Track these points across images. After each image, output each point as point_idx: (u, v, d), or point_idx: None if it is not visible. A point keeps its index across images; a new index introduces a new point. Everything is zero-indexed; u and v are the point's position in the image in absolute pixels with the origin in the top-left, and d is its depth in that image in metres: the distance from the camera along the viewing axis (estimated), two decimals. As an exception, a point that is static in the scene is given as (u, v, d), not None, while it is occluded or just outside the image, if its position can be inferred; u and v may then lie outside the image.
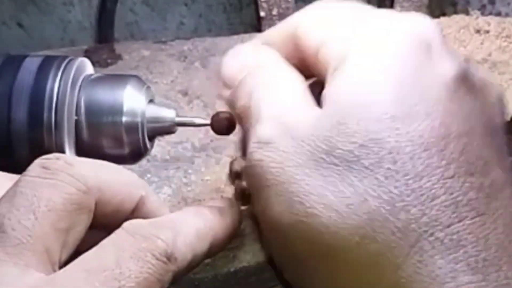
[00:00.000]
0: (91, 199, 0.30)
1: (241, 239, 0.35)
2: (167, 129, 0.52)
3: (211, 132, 0.56)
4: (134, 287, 0.27)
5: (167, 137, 0.68)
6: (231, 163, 0.64)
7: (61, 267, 0.29)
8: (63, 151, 0.48)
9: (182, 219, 0.32)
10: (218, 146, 0.68)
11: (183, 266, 0.30)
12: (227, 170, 0.65)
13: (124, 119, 0.49)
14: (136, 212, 0.33)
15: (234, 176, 0.64)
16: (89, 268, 0.27)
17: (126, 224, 0.30)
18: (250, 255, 0.35)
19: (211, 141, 0.68)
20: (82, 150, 0.50)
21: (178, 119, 0.52)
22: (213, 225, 0.33)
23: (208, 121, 0.54)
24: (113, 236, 0.29)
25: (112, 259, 0.28)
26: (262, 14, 0.88)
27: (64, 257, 0.29)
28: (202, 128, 0.68)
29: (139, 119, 0.50)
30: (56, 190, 0.29)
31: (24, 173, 0.30)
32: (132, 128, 0.50)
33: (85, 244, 0.30)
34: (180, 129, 0.54)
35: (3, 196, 0.29)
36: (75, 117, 0.49)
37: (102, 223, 0.32)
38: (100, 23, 0.96)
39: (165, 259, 0.28)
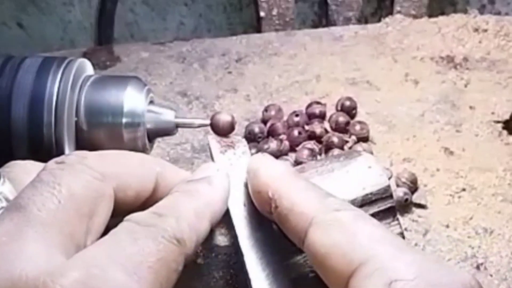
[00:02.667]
0: (108, 186, 0.31)
1: None
2: (167, 130, 0.52)
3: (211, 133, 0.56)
4: (155, 263, 0.28)
5: (167, 139, 0.68)
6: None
7: None
8: (63, 151, 0.48)
9: (178, 202, 0.32)
10: (217, 146, 0.68)
11: (191, 249, 0.31)
12: (226, 170, 0.65)
13: (124, 120, 0.50)
14: (157, 188, 0.33)
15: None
16: (108, 248, 0.28)
17: (128, 217, 0.30)
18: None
19: (211, 141, 0.68)
20: (82, 151, 0.50)
21: (177, 120, 0.52)
22: (207, 200, 0.33)
23: (208, 122, 0.54)
24: (120, 225, 0.30)
25: (129, 240, 0.28)
26: (262, 14, 0.89)
27: (89, 243, 0.30)
28: (202, 129, 0.68)
29: (139, 120, 0.50)
30: (74, 177, 0.30)
31: (42, 169, 0.31)
32: (132, 129, 0.50)
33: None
34: (179, 130, 0.54)
35: (26, 186, 0.30)
36: (75, 118, 0.50)
37: (125, 210, 0.32)
38: (100, 23, 0.96)
39: (175, 241, 0.29)
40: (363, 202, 0.36)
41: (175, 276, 0.29)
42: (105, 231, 0.31)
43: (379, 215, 0.36)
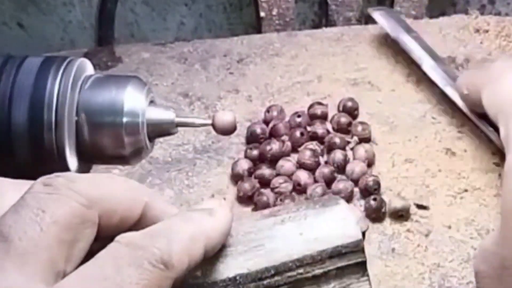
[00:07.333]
0: (94, 213, 0.31)
1: None
2: (168, 130, 0.52)
3: (212, 134, 0.56)
4: None
5: (169, 139, 0.68)
6: (234, 164, 0.64)
7: None
8: (63, 151, 0.48)
9: (174, 225, 0.32)
10: (219, 147, 0.68)
11: (181, 272, 0.30)
12: (229, 171, 0.65)
13: (124, 119, 0.49)
14: (142, 218, 0.33)
15: (237, 177, 0.64)
16: (90, 277, 0.28)
17: (118, 237, 0.30)
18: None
19: (212, 142, 0.68)
20: (83, 151, 0.50)
21: (178, 120, 0.52)
22: (205, 228, 0.32)
23: (208, 121, 0.54)
24: (107, 248, 0.30)
25: (111, 268, 0.28)
26: (262, 14, 0.88)
27: (69, 269, 0.30)
28: (204, 130, 0.68)
29: (139, 120, 0.50)
30: (60, 203, 0.30)
31: (28, 190, 0.31)
32: (132, 128, 0.50)
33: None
34: (181, 131, 0.54)
35: (9, 210, 0.30)
36: (76, 118, 0.49)
37: (108, 234, 0.32)
38: (100, 23, 0.95)
39: (162, 266, 0.29)
40: (333, 254, 0.35)
41: None
42: (87, 255, 0.31)
43: (348, 269, 0.36)
